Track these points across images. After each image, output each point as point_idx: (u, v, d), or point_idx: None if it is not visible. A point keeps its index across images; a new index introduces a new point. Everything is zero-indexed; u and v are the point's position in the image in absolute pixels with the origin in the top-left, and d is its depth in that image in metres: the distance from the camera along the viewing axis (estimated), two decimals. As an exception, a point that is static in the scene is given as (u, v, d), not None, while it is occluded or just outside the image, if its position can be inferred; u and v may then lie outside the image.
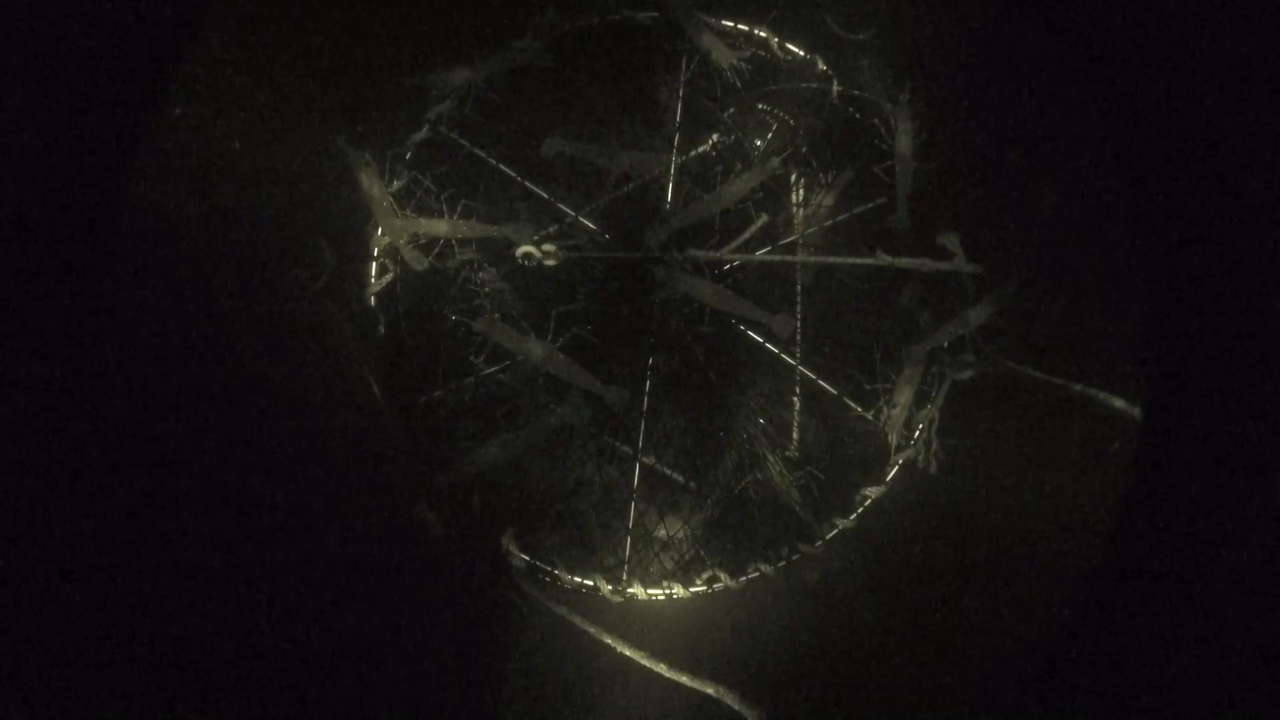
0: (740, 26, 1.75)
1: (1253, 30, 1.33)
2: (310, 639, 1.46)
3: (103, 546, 1.34)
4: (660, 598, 1.65)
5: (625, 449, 1.68)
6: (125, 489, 1.37)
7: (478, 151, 1.72)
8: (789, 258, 1.72)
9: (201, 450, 1.46)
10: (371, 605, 1.51)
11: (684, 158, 1.75)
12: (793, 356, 1.72)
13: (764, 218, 1.66)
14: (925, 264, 1.62)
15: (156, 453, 1.42)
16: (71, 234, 1.35)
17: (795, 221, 1.76)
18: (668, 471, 1.69)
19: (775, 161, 1.64)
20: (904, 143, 1.66)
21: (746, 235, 1.65)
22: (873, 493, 1.68)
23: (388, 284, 1.67)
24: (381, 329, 1.66)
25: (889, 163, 1.68)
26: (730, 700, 1.48)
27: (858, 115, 1.75)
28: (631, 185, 1.71)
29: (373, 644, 1.50)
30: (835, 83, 1.75)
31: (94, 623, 1.30)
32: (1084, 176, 1.58)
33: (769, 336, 1.70)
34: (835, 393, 1.71)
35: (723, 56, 1.67)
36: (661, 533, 1.67)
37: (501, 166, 1.71)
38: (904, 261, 1.63)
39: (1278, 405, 1.31)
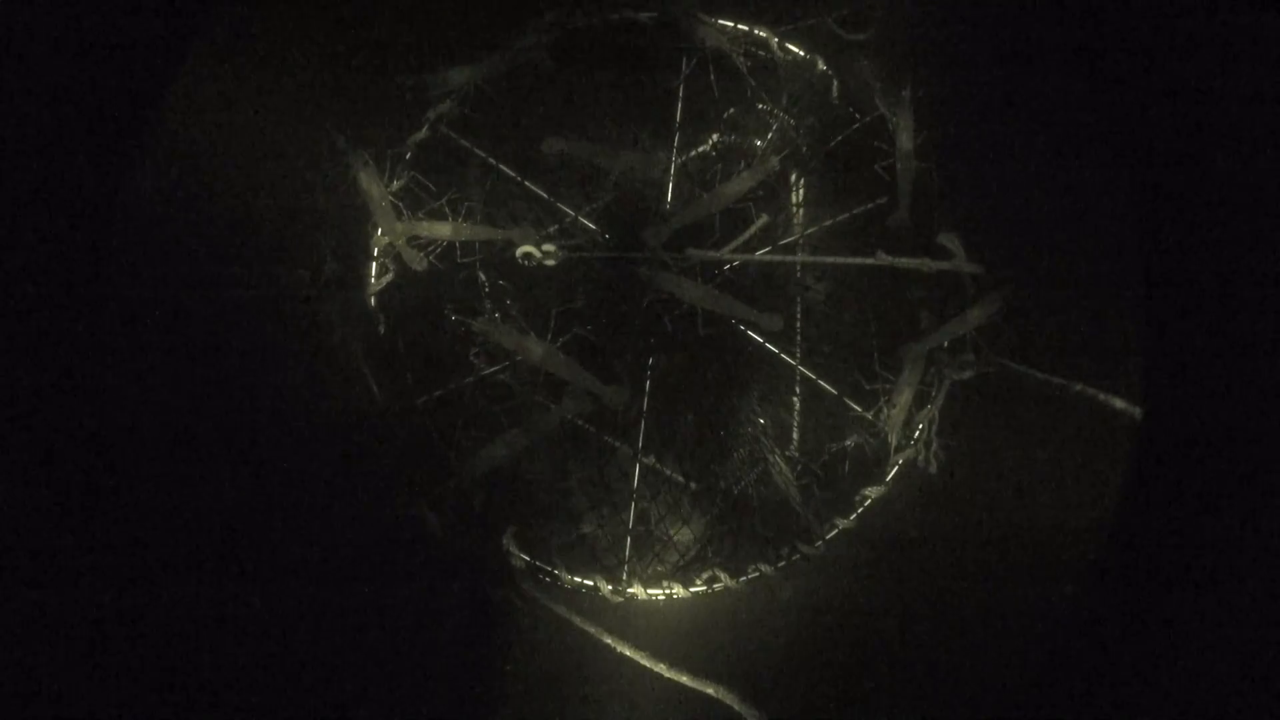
0: (740, 26, 1.75)
1: (1252, 31, 1.33)
2: (310, 639, 1.46)
3: (102, 546, 1.34)
4: (660, 598, 1.65)
5: (625, 449, 1.68)
6: (125, 489, 1.37)
7: (478, 151, 1.71)
8: (789, 258, 1.72)
9: (201, 450, 1.46)
10: (371, 605, 1.51)
11: (684, 158, 1.75)
12: (793, 356, 1.72)
13: (764, 218, 1.66)
14: (925, 264, 1.62)
15: (156, 452, 1.42)
16: (72, 234, 1.35)
17: (795, 221, 1.76)
18: (668, 471, 1.69)
19: (774, 161, 1.64)
20: (905, 140, 1.66)
21: (746, 235, 1.65)
22: (873, 493, 1.68)
23: (388, 284, 1.67)
24: (381, 329, 1.66)
25: (889, 161, 1.68)
26: (730, 700, 1.48)
27: (858, 115, 1.75)
28: (631, 185, 1.71)
29: (373, 644, 1.50)
30: (835, 83, 1.75)
31: (93, 622, 1.30)
32: (1084, 176, 1.58)
33: (768, 336, 1.70)
34: (835, 393, 1.71)
35: (723, 46, 1.67)
36: (661, 533, 1.67)
37: (501, 166, 1.71)
38: (904, 261, 1.63)
39: (1278, 405, 1.31)
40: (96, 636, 1.30)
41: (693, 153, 1.76)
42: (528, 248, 1.59)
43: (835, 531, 1.68)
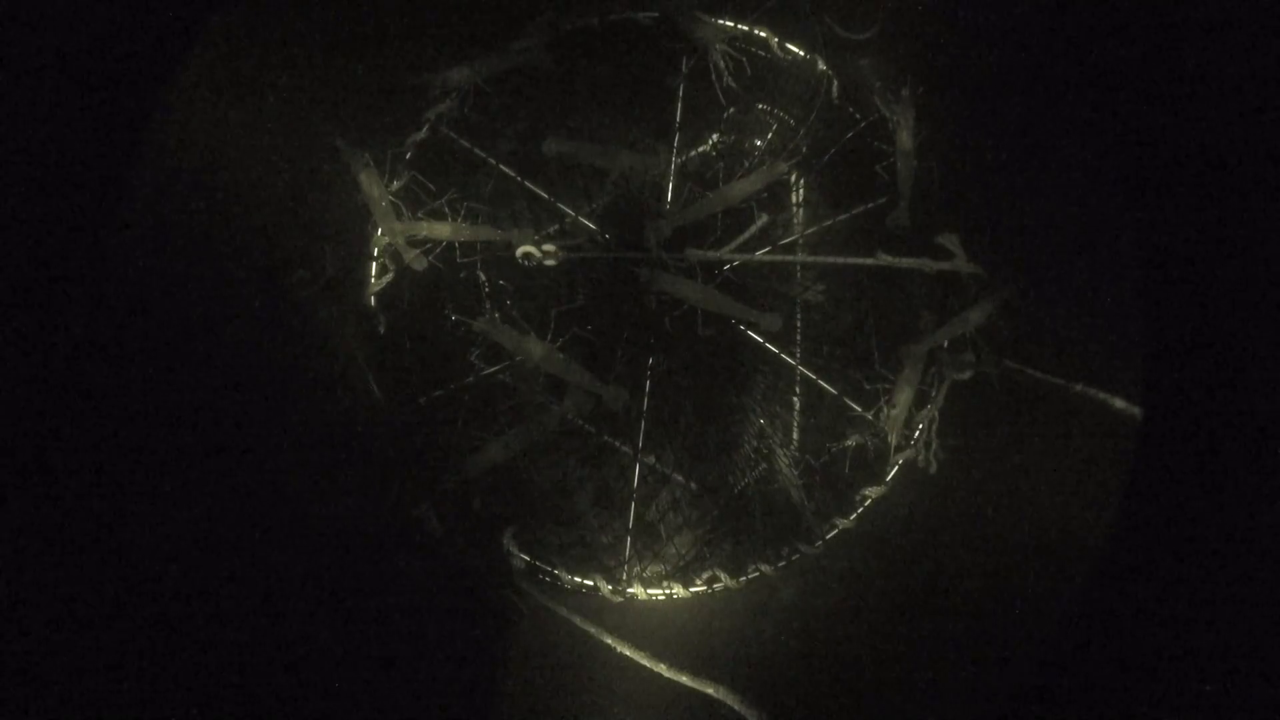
0: (740, 26, 1.75)
1: (1251, 33, 1.33)
2: (310, 639, 1.46)
3: (102, 546, 1.34)
4: (660, 598, 1.65)
5: (625, 449, 1.68)
6: (125, 489, 1.37)
7: (478, 151, 1.72)
8: (789, 258, 1.72)
9: (201, 450, 1.46)
10: (371, 605, 1.51)
11: (684, 158, 1.75)
12: (793, 356, 1.72)
13: (764, 218, 1.66)
14: (925, 264, 1.62)
15: (156, 452, 1.42)
16: (71, 234, 1.35)
17: (795, 221, 1.76)
18: (668, 471, 1.69)
19: (783, 166, 1.64)
20: (905, 139, 1.65)
21: (746, 235, 1.65)
22: (873, 493, 1.68)
23: (388, 284, 1.67)
24: (381, 329, 1.66)
25: (889, 160, 1.68)
26: (730, 700, 1.48)
27: (858, 115, 1.75)
28: (631, 185, 1.71)
29: (372, 644, 1.50)
30: (835, 83, 1.75)
31: (92, 621, 1.30)
32: (1084, 177, 1.58)
33: (768, 336, 1.70)
34: (835, 393, 1.71)
35: (723, 53, 1.67)
36: (661, 533, 1.67)
37: (501, 166, 1.71)
38: (904, 261, 1.63)
39: (1278, 405, 1.31)
40: (94, 635, 1.30)
41: (693, 153, 1.76)
42: (528, 248, 1.59)
43: (835, 531, 1.68)
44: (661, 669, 1.52)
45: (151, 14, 1.38)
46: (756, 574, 1.66)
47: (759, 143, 1.76)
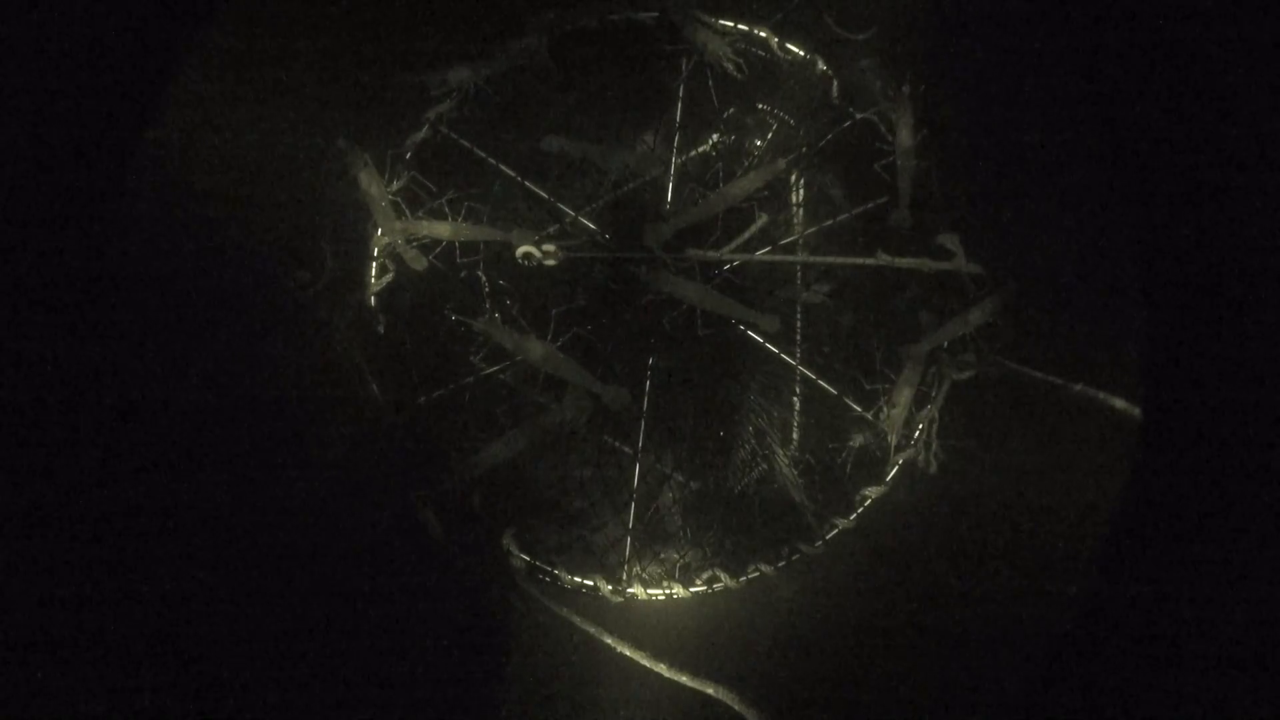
0: (740, 26, 1.75)
1: (1251, 31, 1.33)
2: (310, 638, 1.46)
3: (102, 545, 1.34)
4: (660, 598, 1.65)
5: (625, 449, 1.68)
6: (124, 488, 1.37)
7: (478, 151, 1.72)
8: (789, 258, 1.72)
9: (201, 450, 1.46)
10: (371, 605, 1.51)
11: (684, 158, 1.75)
12: (792, 356, 1.72)
13: (764, 218, 1.66)
14: (925, 264, 1.62)
15: (156, 452, 1.42)
16: (72, 233, 1.35)
17: (795, 221, 1.76)
18: (668, 471, 1.69)
19: (782, 164, 1.64)
20: (905, 136, 1.65)
21: (746, 235, 1.65)
22: (873, 493, 1.68)
23: (388, 284, 1.67)
24: (381, 329, 1.66)
25: (890, 159, 1.68)
26: (730, 700, 1.48)
27: (858, 115, 1.75)
28: (631, 185, 1.71)
29: (373, 644, 1.50)
30: (835, 82, 1.75)
31: (92, 620, 1.30)
32: (1084, 177, 1.58)
33: (768, 336, 1.70)
34: (835, 393, 1.71)
35: (722, 55, 1.67)
36: (661, 532, 1.67)
37: (502, 166, 1.71)
38: (904, 261, 1.63)
39: (1278, 405, 1.31)
40: (93, 634, 1.30)
41: (693, 153, 1.76)
42: (528, 248, 1.59)
43: (835, 531, 1.68)
44: (661, 669, 1.52)
45: (152, 14, 1.38)
46: (756, 574, 1.66)
47: (759, 143, 1.76)
